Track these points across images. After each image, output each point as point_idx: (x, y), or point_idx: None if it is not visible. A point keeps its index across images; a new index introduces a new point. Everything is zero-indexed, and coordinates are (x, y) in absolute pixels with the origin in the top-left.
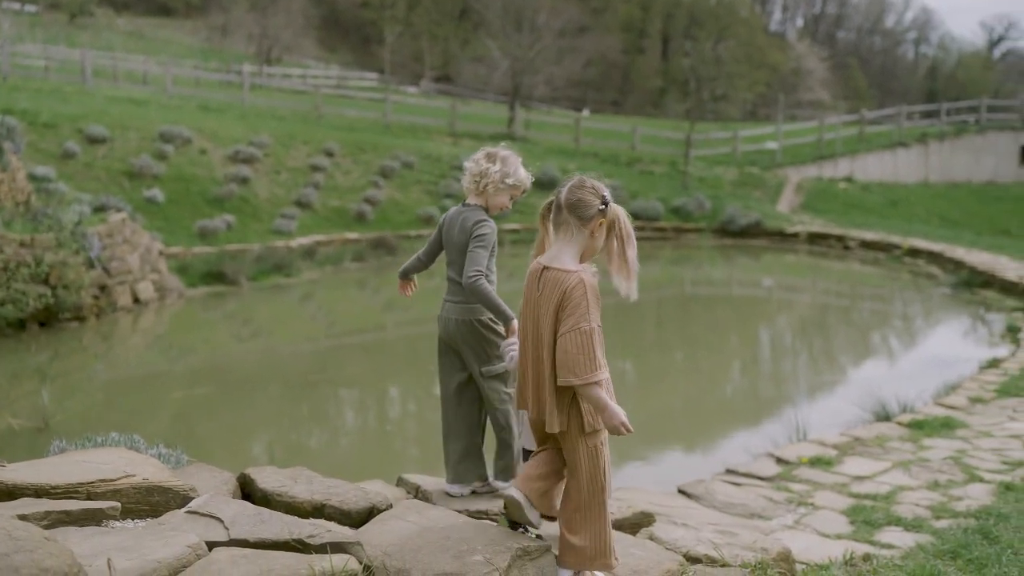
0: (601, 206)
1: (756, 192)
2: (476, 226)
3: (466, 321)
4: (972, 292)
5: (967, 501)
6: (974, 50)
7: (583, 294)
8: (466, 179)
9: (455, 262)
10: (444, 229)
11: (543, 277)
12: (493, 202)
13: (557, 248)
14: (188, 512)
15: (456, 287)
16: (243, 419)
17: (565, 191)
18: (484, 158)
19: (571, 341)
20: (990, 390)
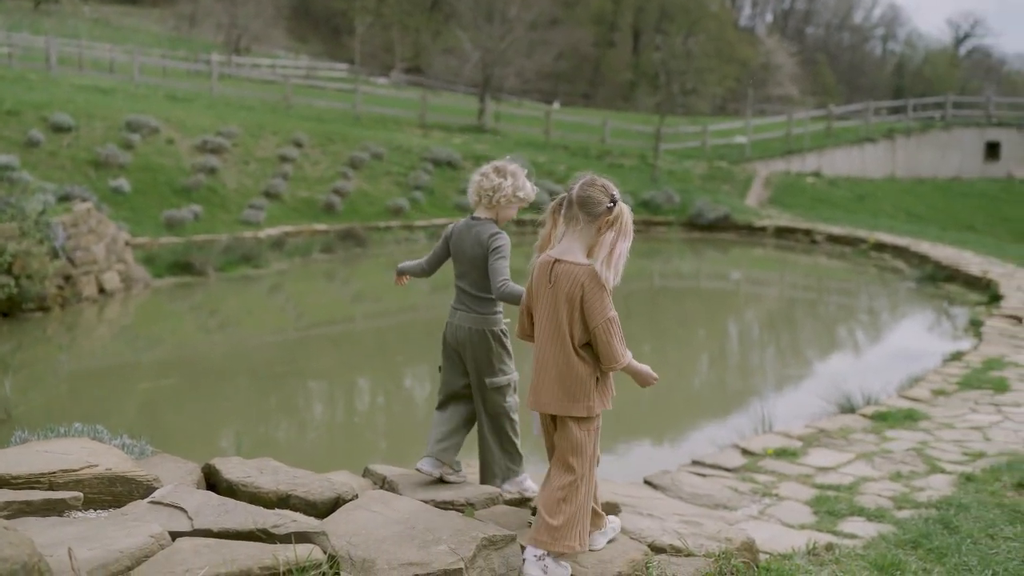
0: (610, 204)
1: (725, 186)
2: (492, 239)
3: (479, 331)
4: (937, 286)
5: (928, 492)
6: (940, 47)
7: (599, 285)
8: (473, 192)
9: (467, 274)
10: (452, 241)
11: (555, 270)
12: (503, 215)
13: (567, 242)
14: (151, 502)
15: (469, 298)
16: (210, 411)
17: (577, 188)
18: (494, 172)
19: (605, 332)
20: (952, 383)
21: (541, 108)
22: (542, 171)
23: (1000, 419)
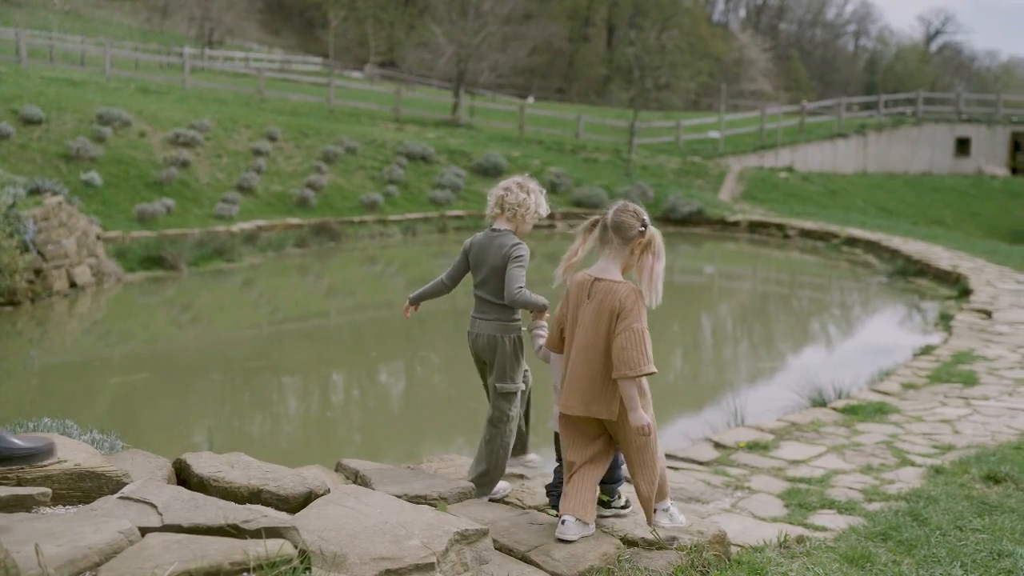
0: (641, 228)
1: (698, 181)
2: (514, 248)
3: (496, 337)
4: (907, 281)
5: (898, 484)
6: (912, 43)
7: (635, 301)
8: (495, 204)
9: (487, 282)
10: (472, 253)
11: (594, 287)
12: (522, 228)
13: (604, 263)
14: (121, 498)
15: (488, 305)
16: (182, 406)
17: (611, 214)
18: (518, 188)
19: (626, 339)
20: (922, 376)
21: (515, 103)
22: (516, 166)
23: (969, 412)
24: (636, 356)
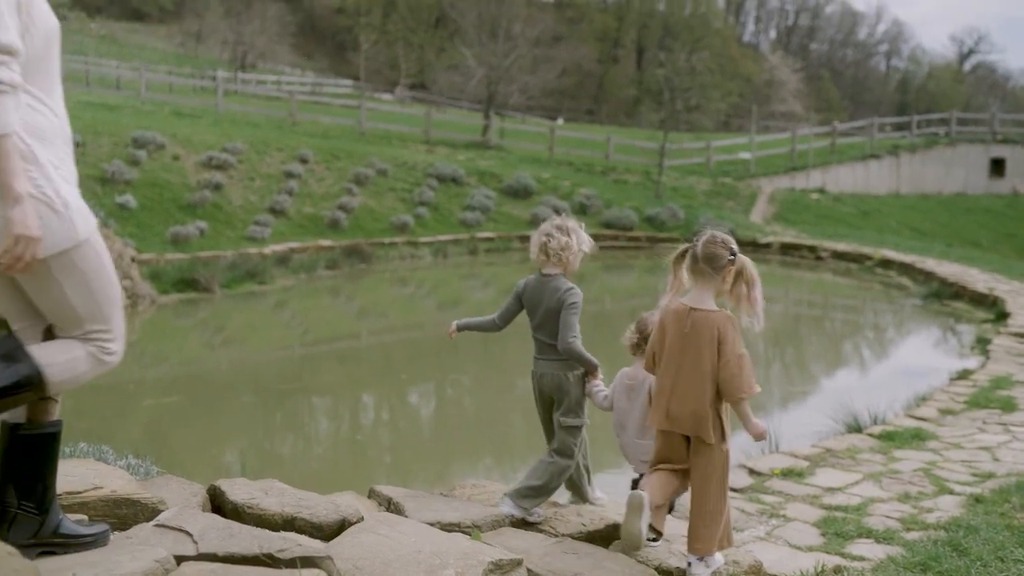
0: (730, 257)
1: (729, 202)
2: (567, 294)
3: (560, 375)
4: (942, 303)
5: (937, 513)
6: (944, 63)
7: (731, 328)
8: (539, 251)
9: (545, 326)
10: (525, 297)
11: (691, 316)
12: (571, 268)
13: (698, 292)
14: (156, 525)
15: (549, 348)
16: (215, 428)
17: (700, 246)
18: (558, 231)
19: (734, 366)
20: (960, 401)
21: (545, 124)
22: (547, 187)
23: (1008, 439)
24: (745, 380)
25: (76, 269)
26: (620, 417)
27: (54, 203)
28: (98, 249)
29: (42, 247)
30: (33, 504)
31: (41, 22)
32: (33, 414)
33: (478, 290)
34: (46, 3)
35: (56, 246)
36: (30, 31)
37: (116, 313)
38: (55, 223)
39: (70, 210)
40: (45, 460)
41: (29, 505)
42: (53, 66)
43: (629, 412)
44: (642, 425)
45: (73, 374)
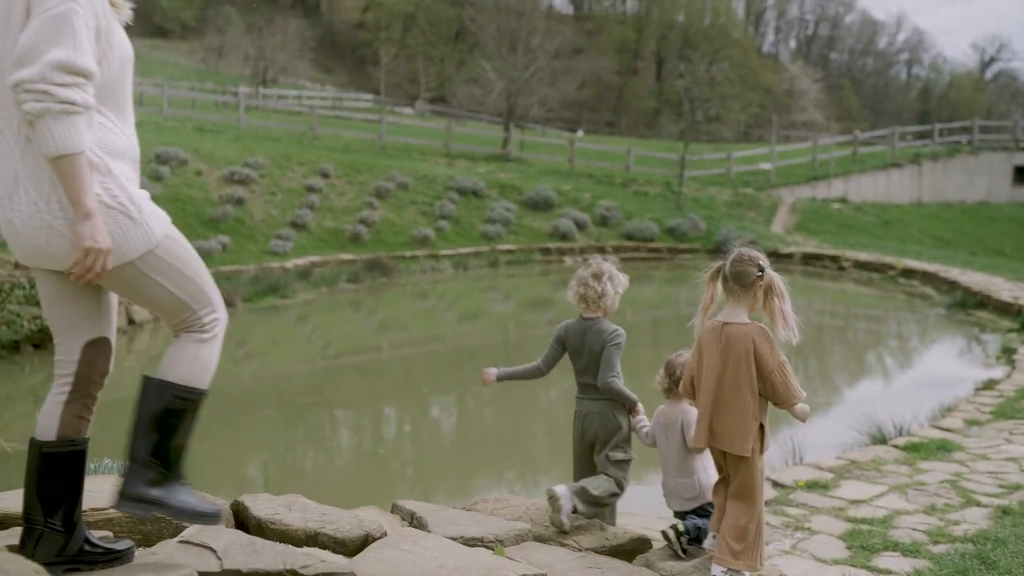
0: (759, 273)
1: (750, 213)
2: (613, 336)
3: (604, 414)
4: (967, 313)
5: (964, 525)
6: (966, 71)
7: (767, 339)
8: (578, 299)
9: (589, 369)
10: (568, 341)
11: (724, 331)
12: (611, 310)
13: (731, 309)
14: (180, 542)
15: (592, 389)
16: (238, 441)
17: (728, 266)
18: (594, 280)
19: (779, 374)
20: (986, 412)
21: (565, 136)
22: (567, 199)
23: None
24: (792, 387)
25: (165, 264)
26: (660, 456)
27: (130, 210)
28: (178, 240)
29: (111, 258)
30: (59, 522)
31: (118, 49)
32: (65, 431)
33: (499, 303)
34: (123, 31)
35: (138, 250)
36: (107, 57)
37: (212, 287)
38: (133, 229)
39: (144, 214)
40: (72, 478)
41: (55, 523)
42: (126, 91)
43: (667, 452)
44: (681, 464)
45: (207, 366)
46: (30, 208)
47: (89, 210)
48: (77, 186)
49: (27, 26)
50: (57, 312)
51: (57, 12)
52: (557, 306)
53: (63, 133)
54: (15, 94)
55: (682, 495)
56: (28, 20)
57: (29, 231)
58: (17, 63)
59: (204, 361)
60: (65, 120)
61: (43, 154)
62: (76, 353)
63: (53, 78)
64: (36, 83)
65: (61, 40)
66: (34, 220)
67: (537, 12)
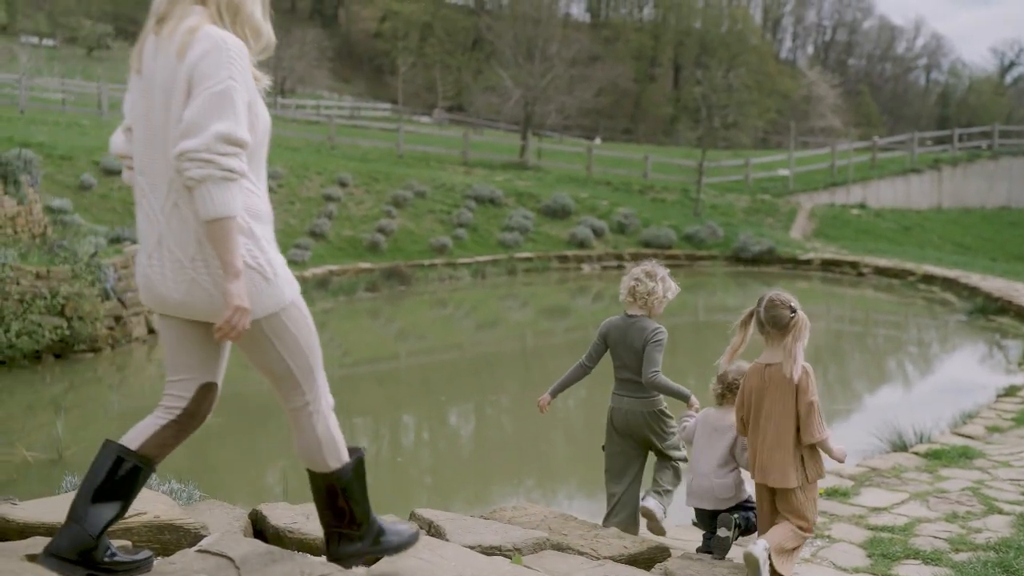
0: (791, 314)
1: (769, 219)
2: (654, 333)
3: (648, 412)
4: (988, 319)
5: (986, 533)
6: (985, 76)
7: (808, 376)
8: (627, 294)
9: (630, 365)
10: (610, 337)
11: (767, 372)
12: (655, 312)
13: (770, 351)
14: (199, 551)
15: (633, 385)
16: (257, 449)
17: (763, 311)
18: (646, 277)
19: (807, 413)
20: (1008, 419)
21: (582, 144)
22: (585, 207)
23: None
24: (813, 426)
25: (286, 329)
26: (696, 455)
27: (266, 271)
28: (303, 310)
29: (251, 316)
30: (96, 525)
31: (262, 119)
32: (147, 450)
33: (516, 311)
34: (262, 101)
35: (267, 309)
36: (255, 126)
37: (320, 369)
38: (266, 289)
39: (278, 277)
40: (126, 491)
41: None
42: (264, 155)
43: (707, 452)
44: (722, 465)
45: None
46: (174, 265)
47: (238, 270)
48: (229, 247)
49: (191, 102)
50: (181, 356)
51: (219, 89)
52: (575, 314)
53: (222, 198)
54: (179, 162)
55: (719, 495)
56: (191, 96)
57: (171, 284)
58: (183, 135)
59: (328, 442)
60: (224, 186)
61: (202, 217)
62: (190, 392)
63: (216, 148)
64: (201, 152)
65: (223, 114)
66: (177, 275)
67: (554, 20)
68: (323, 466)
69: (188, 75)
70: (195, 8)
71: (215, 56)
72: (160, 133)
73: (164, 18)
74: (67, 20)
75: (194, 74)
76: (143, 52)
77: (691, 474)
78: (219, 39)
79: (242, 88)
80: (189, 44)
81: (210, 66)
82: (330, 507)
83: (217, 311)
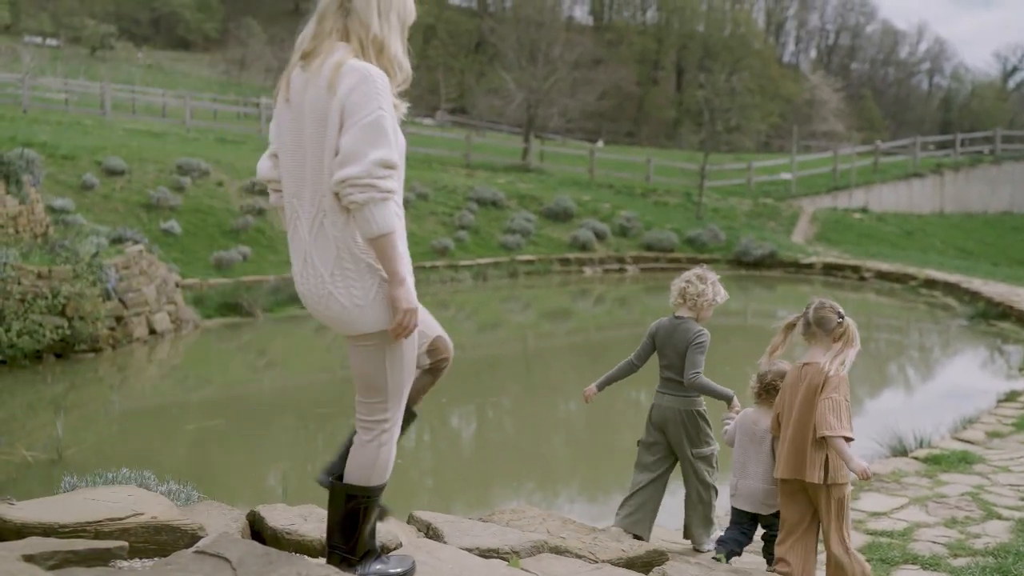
0: (839, 319)
1: (771, 223)
2: (697, 335)
3: (686, 411)
4: (989, 324)
5: (985, 539)
6: (988, 80)
7: (840, 380)
8: (677, 295)
9: (674, 364)
10: (658, 337)
11: (804, 371)
12: (704, 315)
13: (812, 352)
14: (196, 552)
15: (675, 384)
16: (257, 451)
17: (812, 312)
18: (697, 280)
19: (825, 405)
20: (1008, 424)
21: (585, 147)
22: (587, 210)
23: None
24: (832, 419)
25: (400, 344)
26: (742, 458)
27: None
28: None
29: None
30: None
31: (402, 143)
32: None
33: (518, 313)
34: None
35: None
36: (399, 150)
37: (407, 392)
38: None
39: (410, 292)
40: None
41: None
42: (402, 175)
43: (754, 459)
44: (769, 472)
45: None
46: (316, 280)
47: (403, 277)
48: (393, 257)
49: (346, 132)
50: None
51: (371, 119)
52: (576, 317)
53: (383, 216)
54: (340, 188)
55: (763, 500)
56: (344, 127)
57: (315, 298)
58: (342, 163)
59: (381, 463)
60: (384, 206)
61: (366, 236)
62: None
63: (376, 173)
64: (363, 178)
65: (378, 142)
66: (319, 289)
67: (557, 23)
68: (364, 481)
69: (340, 107)
70: (340, 44)
71: (364, 88)
72: (311, 160)
73: (311, 54)
74: (70, 20)
75: (346, 105)
76: (291, 84)
77: (737, 475)
78: (365, 72)
79: (389, 116)
80: (338, 78)
81: (361, 98)
82: (343, 526)
83: (349, 324)
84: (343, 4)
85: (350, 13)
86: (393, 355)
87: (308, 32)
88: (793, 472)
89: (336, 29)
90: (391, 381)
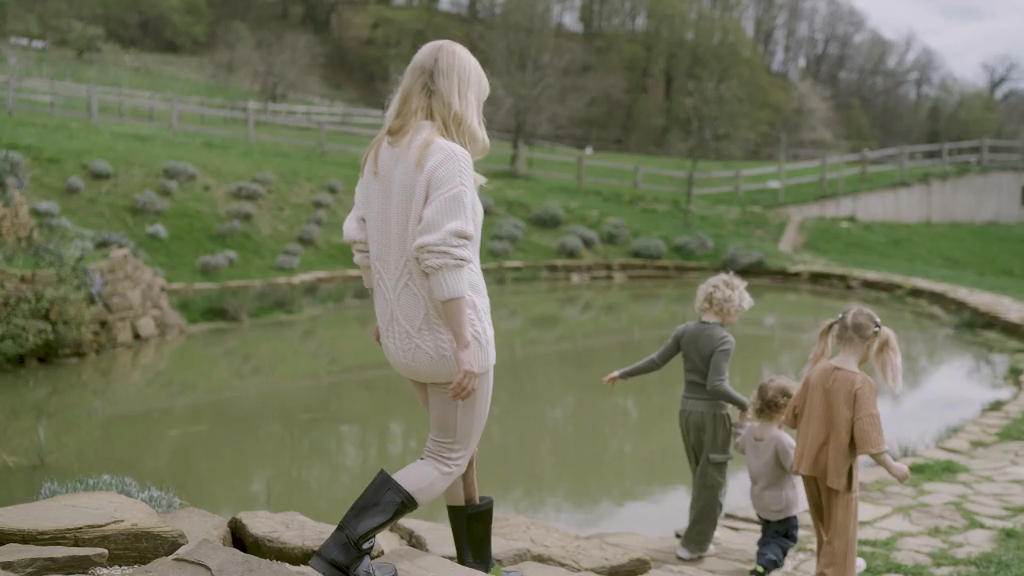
0: (876, 328)
1: (758, 231)
2: (722, 342)
3: (709, 414)
4: (974, 333)
5: (968, 548)
6: (976, 91)
7: (869, 390)
8: (703, 299)
9: (698, 368)
10: (683, 341)
11: (834, 375)
12: (729, 320)
13: (843, 356)
14: (176, 559)
15: (699, 387)
16: (242, 457)
17: (850, 317)
18: (724, 285)
19: (867, 423)
20: (992, 433)
21: (574, 154)
22: (575, 217)
23: None
24: (876, 437)
25: (474, 391)
26: (751, 468)
27: (481, 338)
28: (490, 380)
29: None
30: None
31: (480, 213)
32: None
33: (505, 320)
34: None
35: None
36: (475, 219)
37: (477, 438)
38: (477, 353)
39: (488, 345)
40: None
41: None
42: (479, 239)
43: (758, 467)
44: (771, 480)
45: (432, 492)
46: (402, 335)
47: (468, 340)
48: (461, 321)
49: (429, 204)
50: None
51: (453, 193)
52: (564, 323)
53: (455, 281)
54: (419, 253)
55: (771, 507)
56: (429, 199)
57: (401, 352)
58: (422, 231)
59: (433, 487)
60: (456, 272)
61: (437, 298)
62: None
63: (451, 241)
64: (439, 246)
65: (456, 214)
66: (405, 343)
67: (546, 30)
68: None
69: (427, 182)
70: (425, 123)
71: (448, 166)
72: (396, 227)
73: (399, 131)
74: (57, 22)
75: (432, 180)
76: (380, 158)
77: (752, 483)
78: (450, 151)
79: (470, 191)
80: (426, 156)
81: (445, 173)
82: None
83: (435, 373)
84: (427, 86)
85: (433, 94)
86: (467, 403)
87: (394, 109)
88: (811, 470)
89: (421, 108)
90: (461, 425)
